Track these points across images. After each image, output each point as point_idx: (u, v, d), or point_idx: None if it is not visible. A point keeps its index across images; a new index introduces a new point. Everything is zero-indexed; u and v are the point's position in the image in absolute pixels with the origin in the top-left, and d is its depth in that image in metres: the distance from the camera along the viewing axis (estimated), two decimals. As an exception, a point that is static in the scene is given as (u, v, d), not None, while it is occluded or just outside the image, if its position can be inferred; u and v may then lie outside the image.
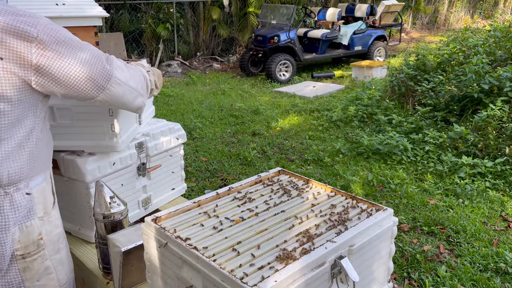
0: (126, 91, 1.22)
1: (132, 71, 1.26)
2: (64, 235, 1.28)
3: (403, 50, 10.66)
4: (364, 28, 8.84)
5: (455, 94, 4.61)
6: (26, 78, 1.01)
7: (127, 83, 1.21)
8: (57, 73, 1.04)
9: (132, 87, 1.24)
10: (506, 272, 2.39)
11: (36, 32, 0.99)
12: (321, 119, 5.33)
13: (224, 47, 10.30)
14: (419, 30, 14.28)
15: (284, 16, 8.25)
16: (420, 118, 4.66)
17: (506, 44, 5.14)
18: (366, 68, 7.52)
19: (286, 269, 0.96)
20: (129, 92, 1.23)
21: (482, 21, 14.56)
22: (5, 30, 0.97)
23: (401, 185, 3.43)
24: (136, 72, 1.28)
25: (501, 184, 3.34)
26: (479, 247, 2.62)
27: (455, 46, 5.69)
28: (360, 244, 1.12)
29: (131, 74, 1.25)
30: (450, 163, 3.66)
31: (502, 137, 3.81)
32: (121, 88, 1.19)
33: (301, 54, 8.13)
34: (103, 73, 1.13)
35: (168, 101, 6.46)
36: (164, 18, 9.11)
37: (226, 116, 5.60)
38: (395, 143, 4.04)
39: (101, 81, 1.13)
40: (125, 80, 1.21)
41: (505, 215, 2.99)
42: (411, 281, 2.36)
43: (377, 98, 5.42)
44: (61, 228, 1.26)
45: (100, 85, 1.13)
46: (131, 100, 1.26)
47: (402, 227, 2.83)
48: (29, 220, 1.12)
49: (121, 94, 1.21)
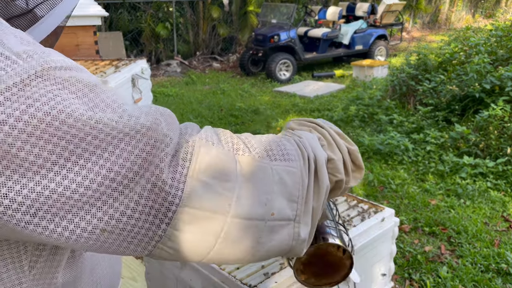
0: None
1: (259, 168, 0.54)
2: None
3: (404, 49, 10.64)
4: (365, 27, 8.82)
5: (456, 93, 4.60)
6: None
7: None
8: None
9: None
10: (507, 272, 2.38)
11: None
12: (322, 119, 5.32)
13: (224, 46, 10.29)
14: (420, 29, 14.27)
15: (285, 15, 8.24)
16: (421, 118, 4.64)
17: (507, 44, 5.13)
18: (367, 68, 7.51)
19: (287, 270, 0.95)
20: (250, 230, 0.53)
21: (484, 21, 14.54)
22: None
23: (402, 186, 3.41)
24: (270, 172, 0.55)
25: (502, 185, 3.32)
26: (480, 247, 2.60)
27: (456, 45, 5.68)
28: (361, 245, 1.11)
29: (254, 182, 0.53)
30: (451, 163, 3.65)
31: (504, 137, 3.80)
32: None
33: (302, 53, 8.11)
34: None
35: (167, 100, 6.45)
36: (163, 17, 9.10)
37: (226, 116, 5.59)
38: (396, 143, 4.02)
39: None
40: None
41: (506, 215, 2.98)
42: (412, 282, 2.35)
43: (378, 97, 5.40)
44: None
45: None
46: (253, 245, 0.54)
47: (403, 228, 2.81)
48: None
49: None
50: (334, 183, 0.64)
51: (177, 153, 0.50)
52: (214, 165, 0.51)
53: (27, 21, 0.60)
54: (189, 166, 0.49)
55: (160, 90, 6.88)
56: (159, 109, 0.52)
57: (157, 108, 0.52)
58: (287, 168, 0.56)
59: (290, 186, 0.55)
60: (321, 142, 0.65)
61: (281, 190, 0.55)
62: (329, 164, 0.64)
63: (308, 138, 0.63)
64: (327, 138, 0.67)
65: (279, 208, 0.54)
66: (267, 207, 0.53)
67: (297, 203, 0.56)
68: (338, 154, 0.65)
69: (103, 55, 6.24)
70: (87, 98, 0.45)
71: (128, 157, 0.46)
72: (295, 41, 7.96)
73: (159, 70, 8.66)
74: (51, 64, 0.44)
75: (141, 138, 0.46)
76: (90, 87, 0.46)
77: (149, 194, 0.47)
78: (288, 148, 0.58)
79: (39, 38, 0.61)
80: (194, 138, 0.52)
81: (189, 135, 0.53)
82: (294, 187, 0.56)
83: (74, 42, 3.06)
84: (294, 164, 0.57)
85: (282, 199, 0.54)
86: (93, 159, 0.44)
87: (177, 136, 0.51)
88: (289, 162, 0.56)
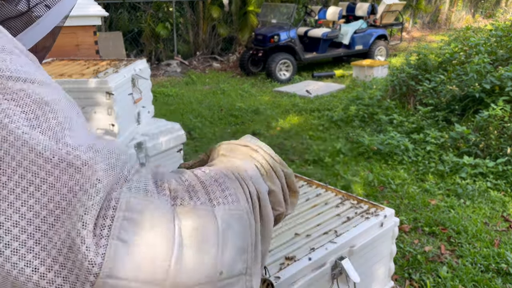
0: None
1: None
2: None
3: (404, 49, 10.64)
4: (365, 27, 8.82)
5: (456, 93, 4.59)
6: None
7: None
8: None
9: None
10: (507, 272, 2.38)
11: None
12: (322, 119, 5.32)
13: (224, 46, 10.28)
14: (420, 29, 14.26)
15: (285, 15, 8.24)
16: (421, 118, 4.64)
17: (507, 44, 5.13)
18: (367, 68, 7.51)
19: (287, 270, 0.95)
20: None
21: (484, 21, 14.53)
22: None
23: (402, 186, 3.41)
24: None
25: (502, 185, 3.32)
26: (480, 247, 2.60)
27: (456, 45, 5.68)
28: (361, 245, 1.11)
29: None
30: (451, 163, 3.65)
31: (504, 137, 3.80)
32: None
33: (302, 53, 8.11)
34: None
35: (167, 100, 6.45)
36: (163, 17, 9.10)
37: (226, 116, 5.59)
38: (396, 143, 4.02)
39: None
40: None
41: (506, 215, 2.98)
42: (412, 282, 2.35)
43: (378, 97, 5.40)
44: None
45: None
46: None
47: (403, 228, 2.81)
48: None
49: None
50: (275, 217, 0.57)
51: (105, 203, 0.41)
52: (145, 221, 0.41)
53: (23, 22, 0.58)
54: (110, 225, 0.40)
55: (160, 90, 6.88)
56: (110, 145, 0.45)
57: (108, 144, 0.45)
58: (232, 212, 0.48)
59: (238, 234, 0.47)
60: (260, 171, 0.57)
61: (228, 241, 0.46)
62: (270, 197, 0.56)
63: (247, 169, 0.55)
64: (264, 165, 0.58)
65: (228, 263, 0.45)
66: (214, 266, 0.44)
67: (247, 253, 0.48)
68: (277, 183, 0.58)
69: (103, 55, 6.24)
70: (33, 115, 0.41)
71: (53, 197, 0.38)
72: (295, 41, 7.96)
73: (159, 70, 8.66)
74: (5, 72, 0.41)
75: (72, 173, 0.39)
76: (39, 104, 0.41)
77: (67, 253, 0.38)
78: (230, 187, 0.50)
79: (36, 39, 0.60)
80: (130, 184, 0.44)
81: (126, 180, 0.44)
82: (243, 234, 0.48)
83: (74, 42, 3.06)
84: (239, 206, 0.49)
85: (230, 251, 0.46)
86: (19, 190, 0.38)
87: (113, 180, 0.42)
88: (233, 205, 0.48)
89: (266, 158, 0.59)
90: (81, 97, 1.54)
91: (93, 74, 1.72)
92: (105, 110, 1.48)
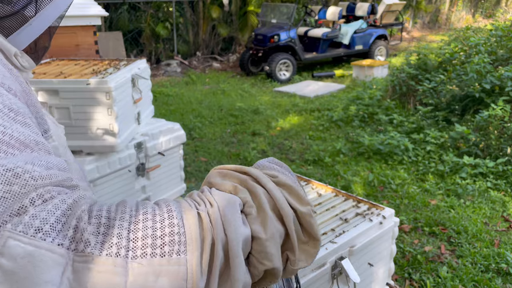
0: None
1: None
2: None
3: (404, 49, 10.63)
4: (365, 27, 8.82)
5: (456, 93, 4.59)
6: None
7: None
8: None
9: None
10: (507, 272, 2.38)
11: None
12: (322, 119, 5.32)
13: (224, 46, 10.28)
14: (420, 29, 14.26)
15: (285, 15, 8.23)
16: (421, 118, 4.64)
17: (507, 44, 5.12)
18: (367, 68, 7.51)
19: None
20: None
21: (484, 20, 14.53)
22: None
23: (402, 186, 3.41)
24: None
25: (502, 185, 3.32)
26: (480, 247, 2.60)
27: (456, 45, 5.68)
28: (361, 245, 1.11)
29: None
30: (451, 163, 3.65)
31: (504, 137, 3.80)
32: None
33: (302, 53, 8.11)
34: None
35: (167, 100, 6.45)
36: (163, 17, 9.10)
37: (226, 116, 5.59)
38: (396, 143, 4.02)
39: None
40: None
41: (506, 215, 2.98)
42: (412, 282, 2.35)
43: (378, 97, 5.40)
44: None
45: None
46: None
47: (403, 228, 2.81)
48: None
49: None
50: (263, 272, 0.45)
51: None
52: (18, 271, 0.35)
53: (15, 22, 0.58)
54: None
55: (160, 90, 6.88)
56: (57, 162, 0.42)
57: (55, 161, 0.42)
58: (169, 268, 0.38)
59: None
60: (247, 210, 0.45)
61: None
62: (255, 245, 0.44)
63: (223, 206, 0.43)
64: (259, 201, 0.46)
65: None
66: None
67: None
68: (270, 228, 0.44)
69: (103, 55, 6.23)
70: None
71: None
72: (295, 41, 7.96)
73: (159, 70, 8.66)
74: None
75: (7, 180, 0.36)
76: None
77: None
78: (175, 232, 0.40)
79: (30, 39, 0.60)
80: (21, 219, 0.37)
81: (19, 213, 0.37)
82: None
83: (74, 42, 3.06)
84: (181, 260, 0.39)
85: None
86: None
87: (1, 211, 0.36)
88: (172, 257, 0.39)
89: (268, 188, 0.47)
90: (81, 97, 1.54)
91: (93, 74, 1.72)
92: (105, 110, 1.47)
